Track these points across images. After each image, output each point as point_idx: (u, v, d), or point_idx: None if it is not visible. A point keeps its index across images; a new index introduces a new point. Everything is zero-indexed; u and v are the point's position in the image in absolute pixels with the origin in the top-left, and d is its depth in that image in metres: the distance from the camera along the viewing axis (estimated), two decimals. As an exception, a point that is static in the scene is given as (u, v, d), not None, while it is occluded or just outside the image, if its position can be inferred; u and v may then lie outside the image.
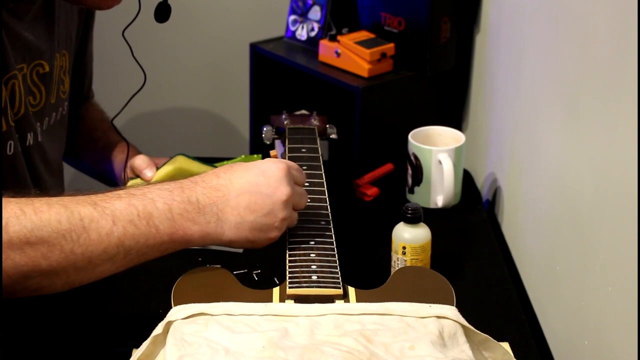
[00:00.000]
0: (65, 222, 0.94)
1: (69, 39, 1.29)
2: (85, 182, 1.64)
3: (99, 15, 1.43)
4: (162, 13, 1.25)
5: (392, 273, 1.12)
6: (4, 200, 0.94)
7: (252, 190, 1.03)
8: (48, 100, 1.22)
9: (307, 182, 1.21)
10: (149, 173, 1.34)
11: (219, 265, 1.22)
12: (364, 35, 1.63)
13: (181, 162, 1.34)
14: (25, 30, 1.15)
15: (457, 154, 1.44)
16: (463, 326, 0.97)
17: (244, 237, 1.03)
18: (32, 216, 0.93)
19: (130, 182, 1.34)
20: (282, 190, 1.04)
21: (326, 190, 1.19)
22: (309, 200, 1.16)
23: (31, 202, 0.95)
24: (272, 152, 1.27)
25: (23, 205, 0.94)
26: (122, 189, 1.02)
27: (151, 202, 0.99)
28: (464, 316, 0.98)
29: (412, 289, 1.04)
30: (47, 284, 0.95)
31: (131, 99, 1.29)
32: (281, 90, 1.80)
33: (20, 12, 1.13)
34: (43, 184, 1.26)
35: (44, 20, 1.19)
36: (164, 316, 0.97)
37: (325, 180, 1.22)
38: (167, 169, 1.34)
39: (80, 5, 1.27)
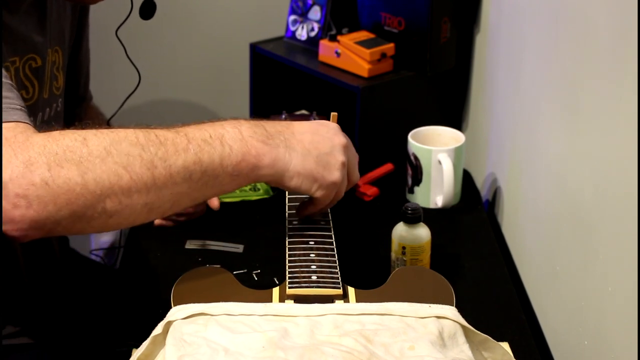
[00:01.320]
0: (142, 137, 0.96)
1: (62, 35, 1.28)
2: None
3: (98, 15, 1.43)
4: (147, 10, 1.25)
5: (392, 273, 1.12)
6: (76, 130, 0.95)
7: (314, 131, 1.07)
8: (41, 95, 1.22)
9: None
10: None
11: (219, 265, 1.22)
12: (364, 35, 1.63)
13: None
14: (18, 23, 1.15)
15: (457, 154, 1.44)
16: (463, 326, 0.97)
17: (309, 170, 1.05)
18: (109, 133, 0.95)
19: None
20: (340, 138, 1.09)
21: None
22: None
23: (101, 129, 0.96)
24: (333, 113, 1.25)
25: (95, 130, 0.95)
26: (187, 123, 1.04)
27: (220, 127, 1.01)
28: (463, 316, 0.98)
29: (412, 289, 1.04)
30: (127, 204, 0.94)
31: (126, 99, 1.29)
32: (281, 90, 1.80)
33: (12, 6, 1.13)
34: None
35: (36, 14, 1.19)
36: (164, 316, 0.97)
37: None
38: None
39: (69, 0, 1.27)
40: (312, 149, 1.05)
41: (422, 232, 1.21)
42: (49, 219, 0.90)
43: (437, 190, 1.45)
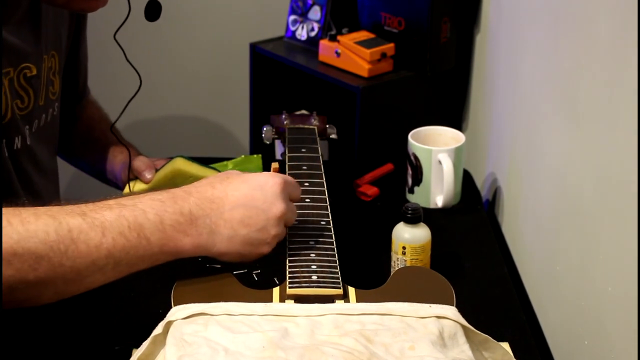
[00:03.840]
0: (53, 233, 0.92)
1: (59, 39, 1.28)
2: (84, 182, 1.65)
3: (97, 18, 1.42)
4: (153, 11, 1.24)
5: (392, 273, 1.12)
6: None
7: (248, 204, 1.02)
8: (36, 103, 1.21)
9: (307, 182, 1.21)
10: (148, 175, 1.34)
11: (219, 266, 1.22)
12: (364, 35, 1.63)
13: (180, 163, 1.34)
14: (11, 34, 1.14)
15: (457, 154, 1.44)
16: (463, 326, 0.97)
17: (235, 251, 1.02)
18: (18, 227, 0.91)
19: (130, 184, 1.34)
20: (277, 207, 1.03)
21: (326, 190, 1.19)
22: (308, 200, 1.16)
23: (18, 212, 0.93)
24: (273, 165, 1.25)
25: (10, 215, 0.92)
26: (112, 199, 1.00)
27: (142, 213, 0.97)
28: (464, 316, 0.98)
29: (412, 289, 1.04)
30: (36, 295, 0.94)
31: (128, 103, 1.29)
32: (281, 90, 1.80)
33: (5, 16, 1.13)
34: (34, 186, 1.25)
35: (30, 23, 1.19)
36: (164, 316, 0.97)
37: (325, 180, 1.22)
38: (166, 171, 1.34)
39: (65, 9, 1.26)
40: (240, 229, 1.01)
41: (422, 232, 1.21)
42: None
43: (437, 190, 1.45)
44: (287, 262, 1.06)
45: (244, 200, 1.02)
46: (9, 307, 0.94)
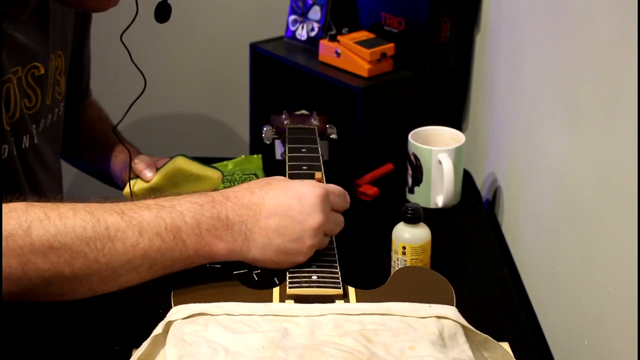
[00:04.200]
0: (90, 229, 0.93)
1: (65, 39, 1.28)
2: (85, 182, 1.65)
3: (100, 19, 1.43)
4: (163, 13, 1.24)
5: (392, 273, 1.12)
6: (29, 204, 0.93)
7: (284, 213, 1.01)
8: (43, 102, 1.22)
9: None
10: (148, 174, 1.34)
11: (218, 265, 1.22)
12: (364, 35, 1.63)
13: (181, 162, 1.34)
14: (19, 32, 1.14)
15: (457, 154, 1.44)
16: (463, 326, 0.97)
17: (268, 258, 1.02)
18: (56, 221, 0.92)
19: (131, 183, 1.34)
20: (315, 218, 1.02)
21: (326, 190, 1.19)
22: None
23: (57, 207, 0.94)
24: (317, 175, 1.22)
25: (48, 209, 0.93)
26: (151, 199, 1.00)
27: (180, 216, 0.98)
28: (464, 316, 0.98)
29: (412, 289, 1.04)
30: (70, 290, 0.95)
31: (132, 105, 1.29)
32: (281, 90, 1.80)
33: (14, 15, 1.13)
34: (39, 185, 1.26)
35: (39, 22, 1.19)
36: (164, 316, 0.97)
37: (326, 180, 1.22)
38: (166, 170, 1.34)
39: (76, 8, 1.26)
40: (275, 238, 1.01)
41: (422, 232, 1.21)
42: None
43: (437, 190, 1.45)
44: (287, 262, 1.06)
45: (281, 209, 1.01)
46: (43, 300, 0.95)
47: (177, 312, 0.96)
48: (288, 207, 1.02)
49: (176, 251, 0.98)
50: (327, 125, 1.44)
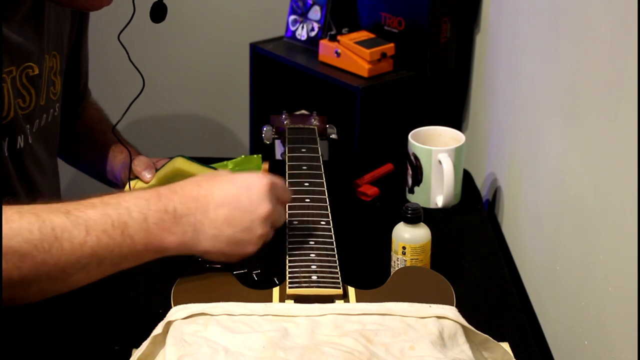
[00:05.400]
0: (36, 231, 0.92)
1: (60, 39, 1.28)
2: (84, 182, 1.65)
3: (99, 19, 1.43)
4: (158, 13, 1.24)
5: (392, 273, 1.12)
6: None
7: (233, 203, 1.01)
8: (38, 103, 1.21)
9: (307, 182, 1.21)
10: (147, 175, 1.34)
11: (218, 265, 1.22)
12: (364, 35, 1.63)
13: (180, 163, 1.34)
14: (14, 32, 1.14)
15: (457, 154, 1.44)
16: (463, 326, 0.97)
17: (219, 250, 1.02)
18: (4, 225, 0.91)
19: (130, 183, 1.34)
20: (263, 207, 1.02)
21: (326, 190, 1.19)
22: (308, 200, 1.16)
23: (2, 211, 0.93)
24: (264, 165, 1.24)
25: (6, 205, 0.92)
26: (96, 197, 0.99)
27: (126, 212, 0.97)
28: (464, 316, 0.98)
29: (412, 289, 1.04)
30: (21, 295, 0.94)
31: (130, 105, 1.29)
32: (281, 90, 1.80)
33: (8, 15, 1.13)
34: (35, 185, 1.25)
35: (33, 21, 1.19)
36: (164, 316, 0.97)
37: (325, 180, 1.22)
38: (166, 170, 1.34)
39: (69, 7, 1.26)
40: (225, 228, 1.00)
41: (422, 232, 1.21)
42: None
43: (437, 190, 1.45)
44: (287, 262, 1.06)
45: (229, 200, 1.01)
46: None
47: (176, 312, 0.96)
48: (236, 197, 1.01)
49: (124, 247, 0.97)
50: (327, 125, 1.44)
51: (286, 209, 1.10)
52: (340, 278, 1.03)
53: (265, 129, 1.43)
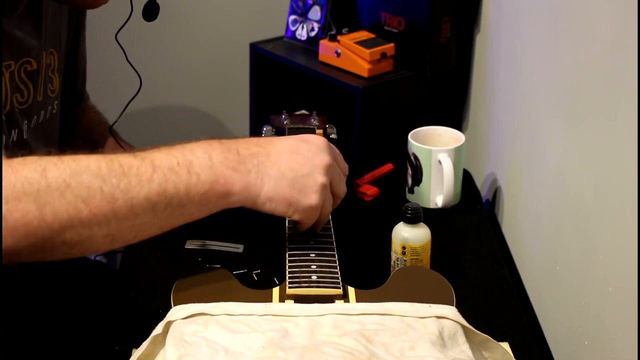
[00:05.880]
0: (104, 167, 0.94)
1: (58, 38, 1.28)
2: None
3: (98, 18, 1.42)
4: (150, 12, 1.24)
5: (392, 273, 1.12)
6: (37, 158, 0.93)
7: (293, 151, 1.04)
8: (35, 98, 1.22)
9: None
10: None
11: (219, 266, 1.22)
12: (364, 35, 1.63)
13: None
14: (13, 27, 1.15)
15: (457, 154, 1.44)
16: (463, 326, 0.97)
17: (282, 195, 1.02)
18: (70, 162, 0.93)
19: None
20: (323, 157, 1.05)
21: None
22: None
23: (69, 154, 0.95)
24: (317, 131, 1.26)
25: (60, 157, 0.94)
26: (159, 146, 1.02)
27: (190, 152, 0.99)
28: (464, 316, 0.98)
29: (412, 289, 1.04)
30: (88, 236, 0.93)
31: (128, 104, 1.29)
32: (281, 90, 1.80)
33: (8, 9, 1.13)
34: None
35: (32, 17, 1.19)
36: (164, 316, 0.97)
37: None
38: None
39: (67, 5, 1.26)
40: (287, 172, 1.02)
41: (422, 232, 1.21)
42: (8, 251, 0.89)
43: (437, 190, 1.45)
44: (287, 262, 1.06)
45: (290, 148, 1.04)
46: (61, 252, 0.93)
47: (176, 312, 0.96)
48: (296, 146, 1.04)
49: (191, 186, 0.97)
50: (327, 125, 1.44)
51: (345, 181, 1.12)
52: (340, 278, 1.03)
53: (265, 129, 1.43)
